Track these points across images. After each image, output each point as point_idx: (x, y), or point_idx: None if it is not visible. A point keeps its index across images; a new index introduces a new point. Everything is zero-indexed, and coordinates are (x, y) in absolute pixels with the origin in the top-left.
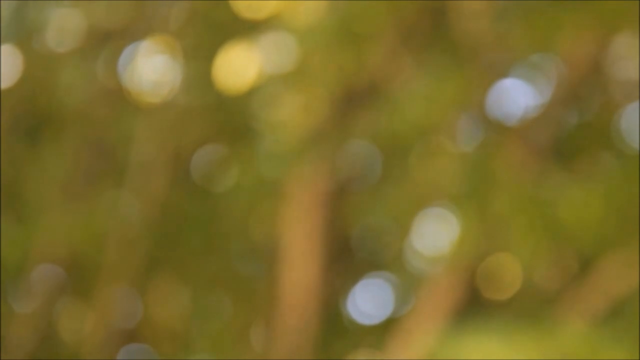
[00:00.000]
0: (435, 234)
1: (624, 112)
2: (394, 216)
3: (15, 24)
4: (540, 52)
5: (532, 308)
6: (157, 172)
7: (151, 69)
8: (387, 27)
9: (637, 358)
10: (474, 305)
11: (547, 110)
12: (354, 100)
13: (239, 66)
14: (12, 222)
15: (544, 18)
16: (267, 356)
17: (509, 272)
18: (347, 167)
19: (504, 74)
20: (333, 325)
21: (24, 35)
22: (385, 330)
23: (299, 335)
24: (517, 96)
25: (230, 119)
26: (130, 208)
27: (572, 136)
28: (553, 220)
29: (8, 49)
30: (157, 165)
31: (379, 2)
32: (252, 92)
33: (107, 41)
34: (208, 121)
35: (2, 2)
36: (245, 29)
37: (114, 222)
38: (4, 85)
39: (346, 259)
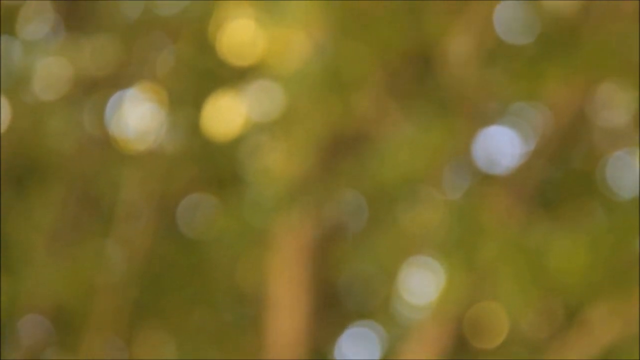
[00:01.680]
0: (422, 283)
1: (609, 161)
2: (380, 265)
3: (2, 72)
4: (526, 100)
5: (519, 357)
6: (143, 220)
7: (138, 116)
8: (373, 74)
9: None
10: (461, 354)
11: (532, 158)
12: (340, 148)
13: (225, 114)
14: None
15: (529, 66)
16: None
17: (496, 321)
18: (333, 215)
19: (489, 121)
20: None
21: (11, 83)
22: None
23: None
24: (503, 144)
25: (216, 167)
26: (117, 257)
27: (558, 184)
28: (540, 268)
29: None
30: (143, 213)
31: (365, 49)
32: (239, 140)
33: (94, 89)
34: (194, 169)
35: None
36: (232, 76)
37: (100, 272)
38: None
39: (333, 307)
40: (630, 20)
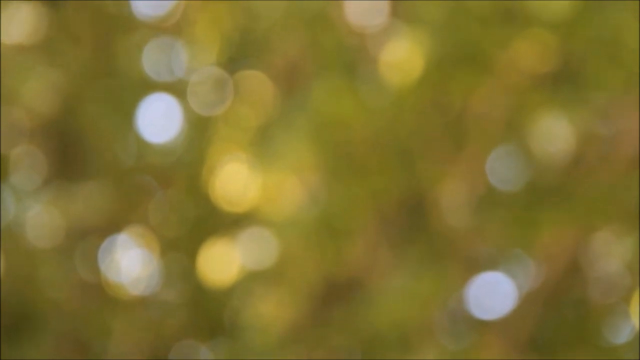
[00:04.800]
0: None
1: (603, 310)
2: None
3: None
4: (519, 247)
5: None
6: None
7: (130, 262)
8: (365, 222)
9: None
10: None
11: (526, 305)
12: (333, 295)
13: (219, 261)
14: None
15: (522, 214)
16: None
17: None
18: None
19: (482, 268)
20: None
21: (3, 232)
22: None
23: None
24: (496, 291)
25: (209, 314)
26: None
27: (552, 331)
28: None
29: None
30: None
31: (358, 196)
32: (232, 287)
33: (87, 235)
34: (186, 316)
35: None
36: (225, 221)
37: None
38: None
39: None
40: (623, 168)
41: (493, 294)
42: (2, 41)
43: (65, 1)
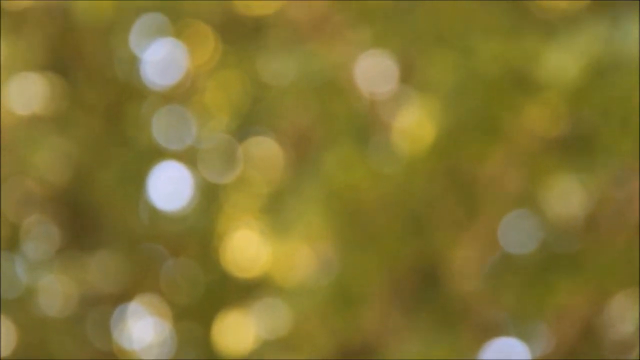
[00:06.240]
0: None
1: None
2: None
3: (8, 289)
4: (533, 312)
5: None
6: None
7: (142, 330)
8: (378, 288)
9: None
10: None
11: None
12: None
13: (232, 330)
14: None
15: (536, 279)
16: None
17: None
18: None
19: (496, 333)
20: None
21: (16, 301)
22: None
23: None
24: (510, 357)
25: None
26: None
27: None
28: None
29: (2, 320)
30: None
31: (370, 262)
32: (246, 356)
33: (99, 303)
34: None
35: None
36: (237, 289)
37: None
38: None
39: None
40: (636, 231)
41: (507, 358)
42: (14, 112)
43: (76, 71)
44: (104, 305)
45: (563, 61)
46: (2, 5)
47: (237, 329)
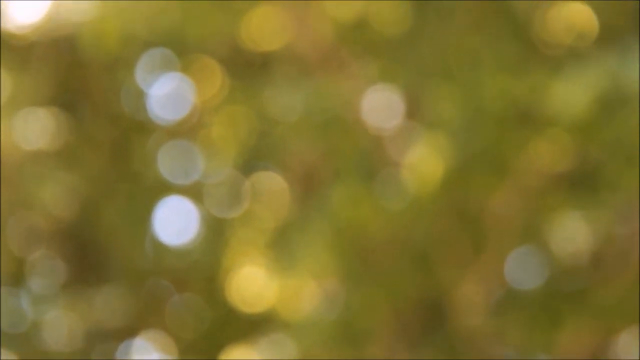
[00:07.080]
0: None
1: None
2: None
3: (13, 324)
4: (538, 349)
5: None
6: None
7: None
8: (384, 324)
9: None
10: None
11: None
12: None
13: None
14: None
15: (542, 315)
16: None
17: None
18: None
19: None
20: None
21: (22, 336)
22: None
23: None
24: None
25: None
26: None
27: None
28: None
29: (8, 355)
30: None
31: (376, 298)
32: None
33: (104, 339)
34: None
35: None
36: (242, 325)
37: None
38: None
39: None
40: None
41: None
42: (21, 147)
43: (82, 106)
44: (109, 340)
45: (569, 97)
46: (9, 40)
47: None
